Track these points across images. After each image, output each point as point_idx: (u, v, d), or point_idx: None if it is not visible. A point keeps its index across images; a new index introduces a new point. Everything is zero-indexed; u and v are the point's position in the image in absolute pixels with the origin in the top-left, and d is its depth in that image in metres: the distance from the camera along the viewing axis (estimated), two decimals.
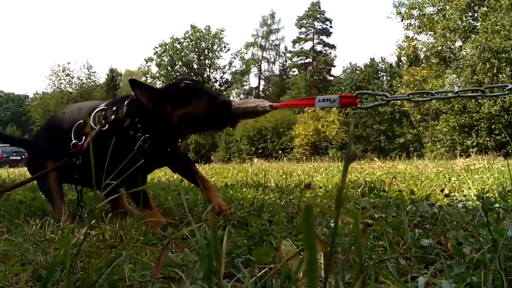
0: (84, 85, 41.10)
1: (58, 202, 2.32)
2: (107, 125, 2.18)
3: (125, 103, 2.23)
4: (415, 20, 27.30)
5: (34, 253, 1.37)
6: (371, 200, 2.50)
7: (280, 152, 32.21)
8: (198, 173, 2.45)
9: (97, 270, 1.10)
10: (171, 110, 2.09)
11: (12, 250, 1.40)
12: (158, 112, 2.12)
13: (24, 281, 1.18)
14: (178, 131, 2.19)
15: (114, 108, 2.24)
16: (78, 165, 2.24)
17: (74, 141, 2.26)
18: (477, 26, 24.59)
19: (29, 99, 51.07)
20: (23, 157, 29.57)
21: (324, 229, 1.89)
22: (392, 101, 2.13)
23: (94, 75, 42.35)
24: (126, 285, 1.05)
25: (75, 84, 41.09)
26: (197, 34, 46.48)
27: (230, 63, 49.59)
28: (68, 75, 40.57)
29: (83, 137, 2.24)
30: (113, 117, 2.20)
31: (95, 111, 2.27)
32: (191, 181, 2.49)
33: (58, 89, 40.39)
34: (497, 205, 2.19)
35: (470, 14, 25.29)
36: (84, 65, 41.41)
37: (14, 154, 29.74)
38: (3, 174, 8.21)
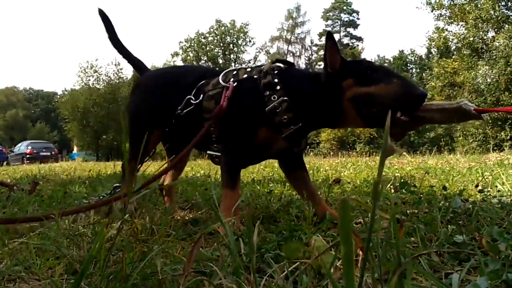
0: (112, 82, 41.63)
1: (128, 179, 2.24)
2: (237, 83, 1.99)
3: (265, 65, 2.02)
4: (445, 10, 26.49)
5: (68, 247, 1.40)
6: (401, 195, 2.46)
7: (307, 147, 32.10)
8: (309, 182, 2.18)
9: (130, 263, 1.11)
10: (351, 85, 1.76)
11: (47, 244, 1.43)
12: (330, 85, 1.82)
13: (58, 274, 1.21)
14: (337, 115, 1.83)
15: (249, 69, 2.07)
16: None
17: (189, 96, 2.11)
18: (511, 15, 23.78)
19: (58, 96, 52.17)
20: (53, 153, 30.33)
21: (355, 224, 1.87)
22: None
23: (122, 72, 42.87)
24: (159, 279, 1.07)
25: (103, 80, 41.64)
26: (222, 28, 46.63)
27: (255, 58, 49.60)
28: (96, 71, 41.13)
29: (201, 95, 2.08)
30: (245, 75, 2.01)
31: (225, 71, 2.13)
32: (298, 187, 2.22)
33: (86, 86, 40.97)
34: None
35: (503, 3, 24.41)
36: (112, 62, 41.83)
37: (44, 150, 30.38)
38: (34, 170, 8.44)
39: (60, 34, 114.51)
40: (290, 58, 55.98)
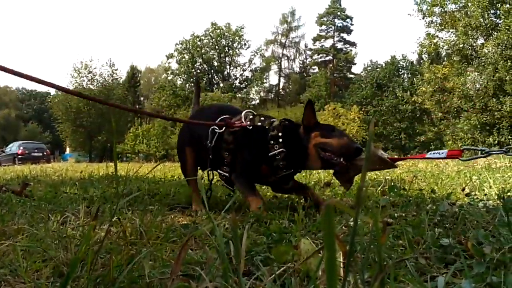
0: (106, 83, 41.22)
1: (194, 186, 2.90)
2: (252, 126, 2.62)
3: (276, 120, 2.69)
4: (436, 18, 26.83)
5: (56, 250, 1.38)
6: (391, 198, 2.48)
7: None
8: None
9: (117, 267, 1.11)
10: (316, 136, 2.47)
11: (34, 246, 1.41)
12: (304, 134, 2.52)
13: (45, 277, 1.19)
14: (306, 158, 2.50)
15: (262, 118, 2.70)
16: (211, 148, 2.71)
17: (213, 127, 2.70)
18: (500, 23, 24.07)
19: (51, 96, 51.31)
20: (45, 154, 29.91)
21: (344, 227, 1.88)
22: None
23: (116, 73, 42.44)
24: (146, 282, 1.06)
25: (97, 81, 41.14)
26: (217, 31, 46.63)
27: (250, 61, 49.73)
28: (90, 72, 40.63)
29: (223, 128, 2.66)
30: (259, 123, 2.64)
31: (246, 111, 2.73)
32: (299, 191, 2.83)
33: (80, 86, 40.37)
34: None
35: (492, 11, 24.76)
36: (106, 63, 41.32)
37: (36, 151, 29.85)
38: (25, 171, 8.34)
39: (54, 34, 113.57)
40: (284, 62, 56.18)
